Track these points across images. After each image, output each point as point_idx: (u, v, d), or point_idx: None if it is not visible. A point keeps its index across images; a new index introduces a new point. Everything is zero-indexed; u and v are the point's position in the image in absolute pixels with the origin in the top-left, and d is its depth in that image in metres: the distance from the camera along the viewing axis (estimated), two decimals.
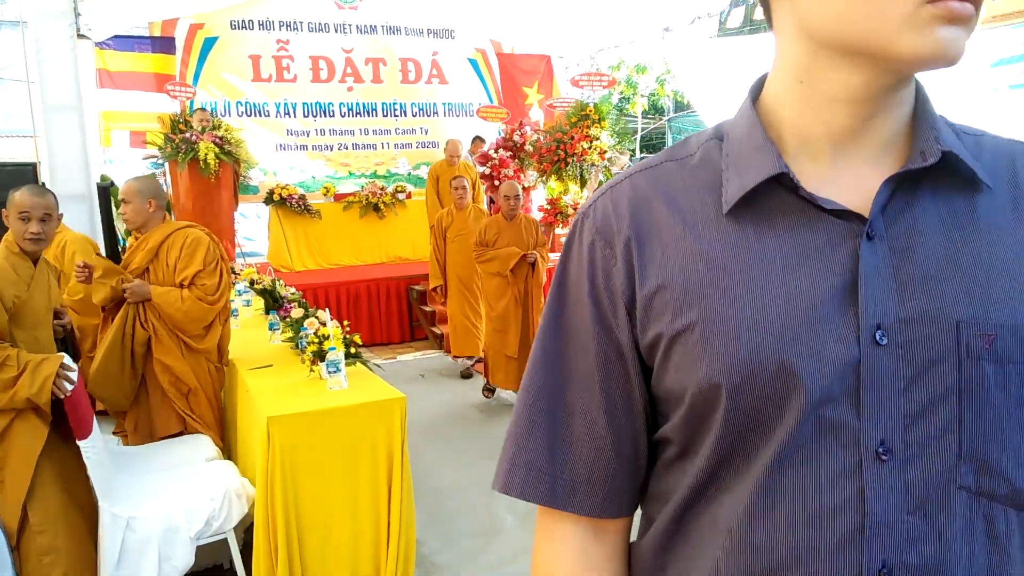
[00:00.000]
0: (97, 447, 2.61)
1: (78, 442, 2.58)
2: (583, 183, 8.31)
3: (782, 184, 0.67)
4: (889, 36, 0.58)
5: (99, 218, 4.69)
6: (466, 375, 6.18)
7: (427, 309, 7.52)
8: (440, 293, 6.21)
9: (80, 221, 4.00)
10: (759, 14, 9.79)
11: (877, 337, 0.62)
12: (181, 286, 3.29)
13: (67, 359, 2.53)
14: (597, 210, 0.75)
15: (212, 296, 3.31)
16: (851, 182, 0.67)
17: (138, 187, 3.39)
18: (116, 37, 8.20)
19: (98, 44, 7.73)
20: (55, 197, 2.78)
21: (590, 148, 8.16)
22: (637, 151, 10.97)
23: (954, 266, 0.64)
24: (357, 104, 9.97)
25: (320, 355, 3.01)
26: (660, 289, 0.69)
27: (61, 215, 2.92)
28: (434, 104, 10.44)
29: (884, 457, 0.62)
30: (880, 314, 0.63)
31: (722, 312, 0.65)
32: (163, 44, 8.69)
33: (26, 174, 6.69)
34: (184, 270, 3.29)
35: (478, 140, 9.66)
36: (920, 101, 0.68)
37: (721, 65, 9.86)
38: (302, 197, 8.51)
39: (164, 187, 7.58)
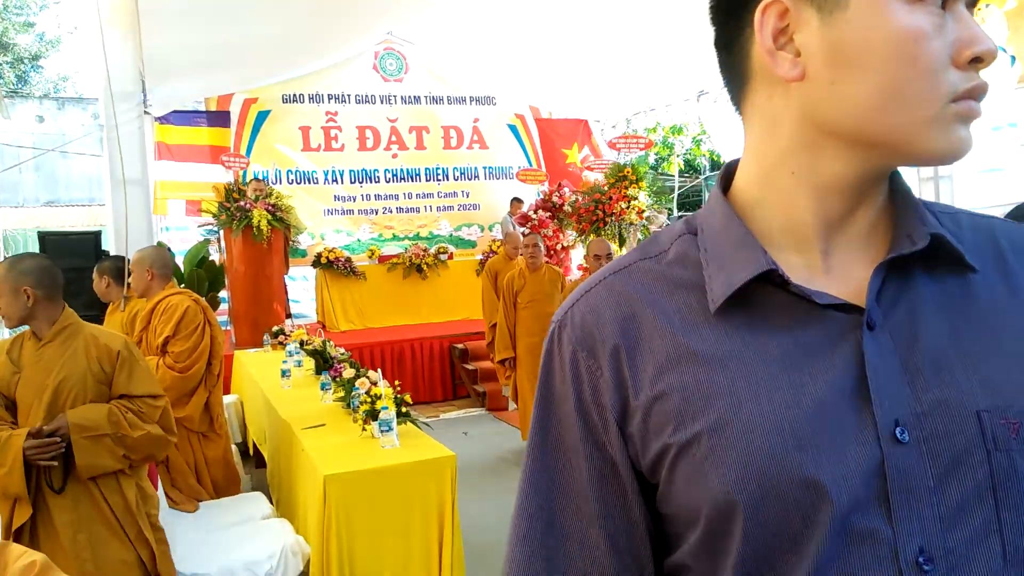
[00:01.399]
0: (160, 506, 2.71)
1: None
2: (622, 242, 8.42)
3: (770, 280, 0.63)
4: (914, 132, 0.58)
5: None
6: None
7: (469, 367, 7.61)
8: (509, 366, 5.60)
9: None
10: None
11: (897, 434, 0.58)
12: (161, 352, 3.44)
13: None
14: (575, 319, 0.69)
15: (183, 362, 3.41)
16: (840, 272, 0.64)
17: (139, 257, 3.61)
18: (175, 112, 8.69)
19: (158, 119, 8.19)
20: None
21: (628, 208, 8.29)
22: (675, 209, 11.09)
23: (961, 352, 0.61)
24: (401, 170, 10.32)
25: (372, 414, 3.10)
26: (657, 399, 0.63)
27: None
28: (475, 168, 10.76)
29: (926, 568, 0.56)
30: (896, 409, 0.59)
31: (729, 419, 0.60)
32: (218, 118, 9.17)
33: (89, 242, 7.05)
34: (159, 336, 3.45)
35: (516, 202, 9.88)
36: (896, 184, 0.67)
37: None
38: (348, 260, 8.77)
39: (211, 254, 7.91)
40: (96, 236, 6.95)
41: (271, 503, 3.50)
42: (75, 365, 2.39)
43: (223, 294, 7.68)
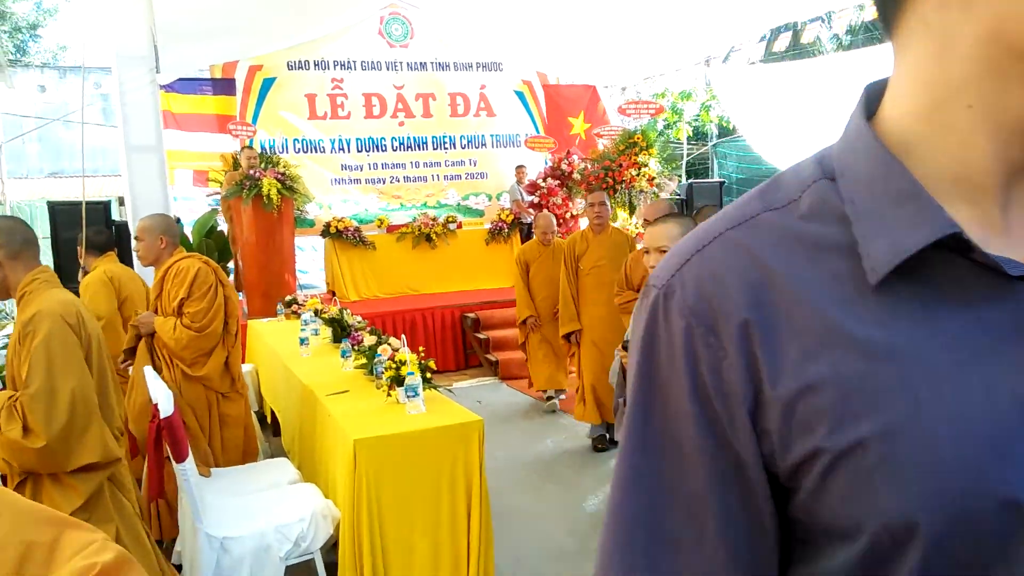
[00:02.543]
0: (191, 470, 2.72)
1: (175, 465, 2.70)
2: (632, 209, 8.37)
3: (945, 244, 0.50)
4: None
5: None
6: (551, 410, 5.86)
7: (481, 337, 7.61)
8: (574, 341, 5.06)
9: None
10: (807, 37, 9.81)
11: None
12: (178, 314, 3.44)
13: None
14: (687, 285, 0.56)
15: (200, 322, 3.41)
16: None
17: (151, 224, 3.57)
18: (180, 80, 8.60)
19: (163, 87, 8.11)
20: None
21: (638, 175, 8.23)
22: (684, 177, 10.98)
23: None
24: (408, 138, 10.23)
25: (398, 380, 3.10)
26: (804, 392, 0.51)
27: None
28: (482, 136, 10.66)
29: None
30: None
31: (905, 423, 0.49)
32: (224, 86, 9.07)
33: (98, 213, 7.02)
34: (173, 300, 3.45)
35: (520, 169, 9.80)
36: None
37: (766, 89, 9.88)
38: (357, 229, 8.73)
39: (220, 224, 7.88)
40: (106, 206, 6.91)
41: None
42: (13, 338, 2.20)
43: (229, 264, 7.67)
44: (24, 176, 15.51)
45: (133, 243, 3.73)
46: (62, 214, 6.70)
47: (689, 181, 10.13)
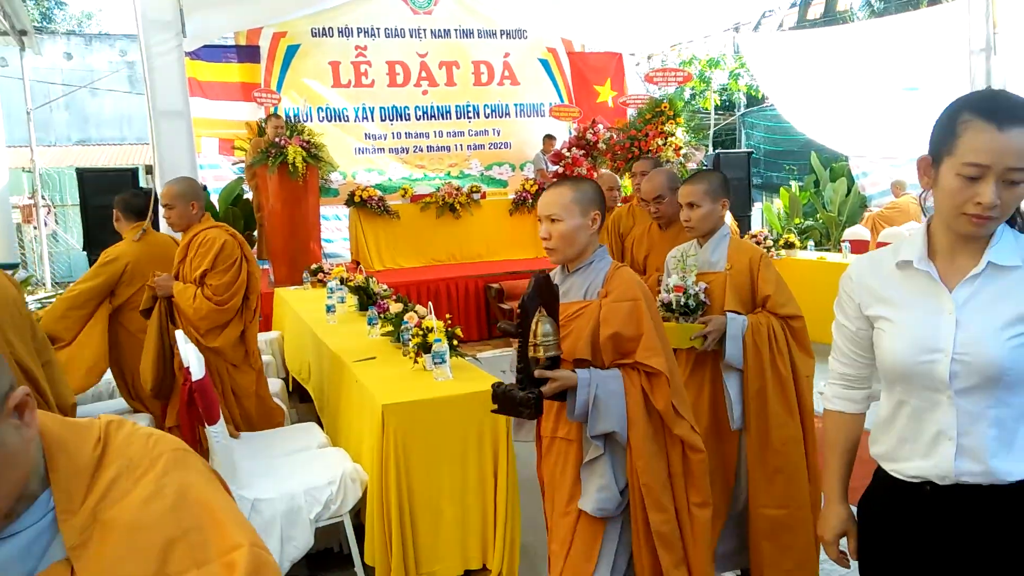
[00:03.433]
0: (222, 432, 2.76)
1: (207, 428, 2.73)
2: None
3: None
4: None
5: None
6: None
7: (504, 307, 7.60)
8: None
9: None
10: (843, 5, 9.55)
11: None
12: (199, 284, 3.44)
13: None
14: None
15: (221, 296, 3.40)
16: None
17: (181, 190, 3.54)
18: (205, 47, 8.58)
19: (188, 54, 8.10)
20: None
21: (665, 144, 8.11)
22: (711, 147, 10.82)
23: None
24: (432, 107, 10.17)
25: (425, 347, 3.10)
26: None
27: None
28: (506, 105, 10.56)
29: None
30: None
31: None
32: (248, 53, 9.05)
33: (126, 179, 7.07)
34: (196, 269, 3.44)
35: (549, 139, 9.72)
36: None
37: (797, 57, 9.66)
38: (381, 198, 8.71)
39: (246, 192, 7.91)
40: (133, 173, 6.98)
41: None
42: None
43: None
44: (53, 143, 15.66)
45: (161, 211, 3.72)
46: (91, 181, 6.76)
47: (716, 151, 9.98)
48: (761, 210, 12.83)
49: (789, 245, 7.17)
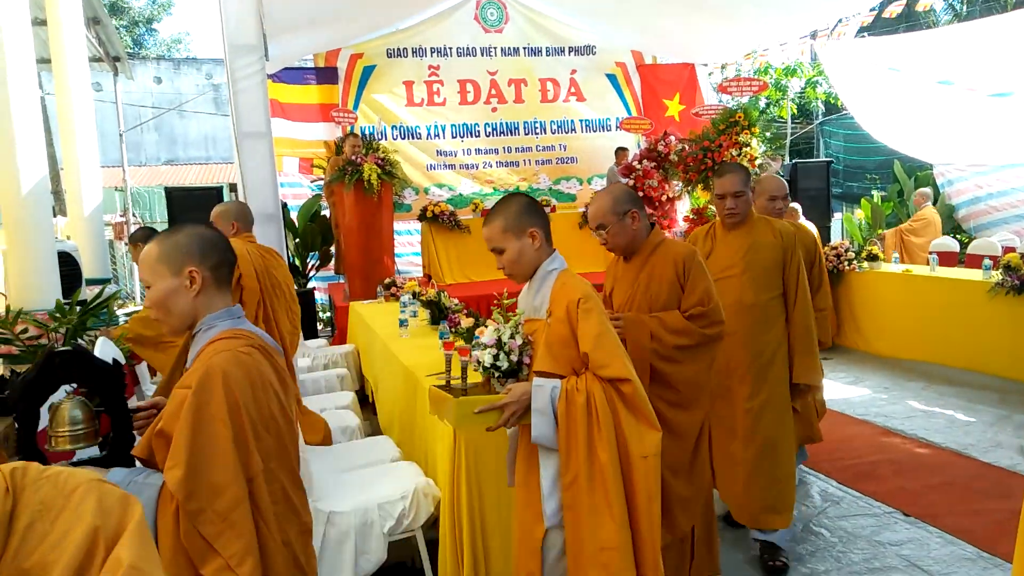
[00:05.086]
0: (300, 445, 2.82)
1: None
2: None
3: None
4: None
5: (284, 235, 5.13)
6: None
7: None
8: None
9: (269, 238, 4.37)
10: (921, 5, 9.18)
11: None
12: None
13: None
14: None
15: None
16: None
17: (225, 210, 3.73)
18: (285, 70, 8.92)
19: (270, 76, 8.42)
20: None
21: (739, 155, 7.94)
22: (787, 156, 10.53)
23: None
24: (500, 123, 10.30)
25: None
26: None
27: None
28: (571, 121, 10.65)
29: None
30: None
31: None
32: (326, 75, 9.37)
33: (211, 198, 7.37)
34: None
35: (621, 151, 9.68)
36: None
37: (878, 64, 9.33)
38: (452, 213, 8.85)
39: (323, 209, 8.15)
40: (218, 192, 7.26)
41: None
42: None
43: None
44: (143, 164, 16.52)
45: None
46: (178, 199, 7.08)
47: (793, 161, 9.71)
48: (841, 221, 12.41)
49: (872, 257, 6.90)
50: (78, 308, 2.73)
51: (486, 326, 2.19)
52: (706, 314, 2.53)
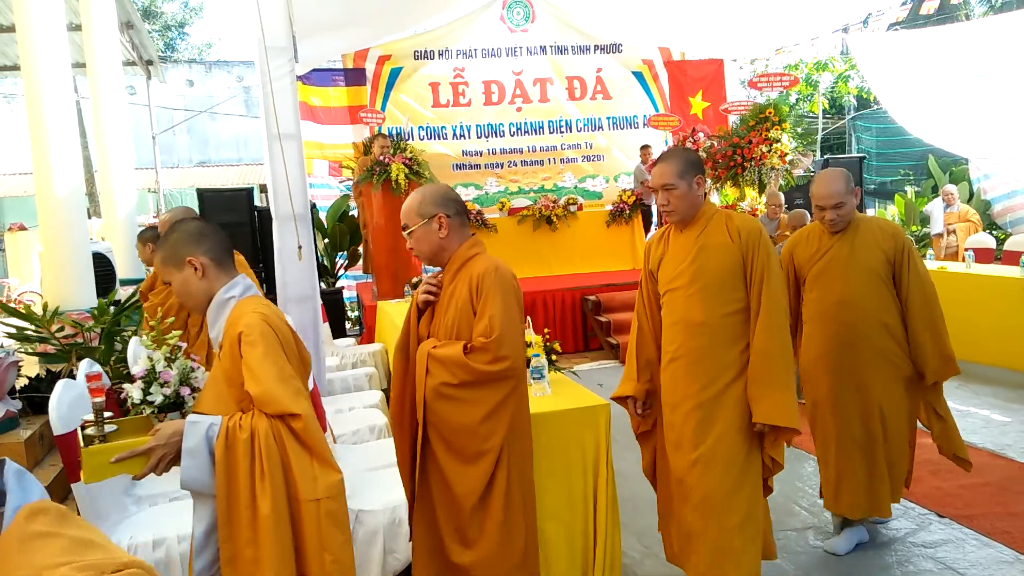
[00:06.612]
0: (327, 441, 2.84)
1: None
2: (762, 188, 8.00)
3: None
4: None
5: (314, 235, 5.18)
6: None
7: (602, 319, 7.54)
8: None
9: (298, 238, 4.41)
10: None
11: None
12: None
13: None
14: None
15: None
16: None
17: (171, 218, 3.77)
18: (314, 71, 9.01)
19: (299, 78, 8.51)
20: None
21: (770, 151, 7.85)
22: (819, 152, 10.37)
23: None
24: (525, 123, 10.32)
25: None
26: None
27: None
28: (598, 119, 10.60)
29: None
30: None
31: None
32: (354, 76, 9.47)
33: (242, 199, 7.46)
34: None
35: (645, 149, 9.63)
36: None
37: (913, 57, 9.16)
38: (479, 212, 8.87)
39: (351, 209, 8.20)
40: (248, 193, 7.35)
41: None
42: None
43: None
44: (175, 165, 16.79)
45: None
46: (210, 200, 7.18)
47: (825, 157, 9.58)
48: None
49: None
50: (111, 308, 2.78)
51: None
52: (487, 347, 2.14)
